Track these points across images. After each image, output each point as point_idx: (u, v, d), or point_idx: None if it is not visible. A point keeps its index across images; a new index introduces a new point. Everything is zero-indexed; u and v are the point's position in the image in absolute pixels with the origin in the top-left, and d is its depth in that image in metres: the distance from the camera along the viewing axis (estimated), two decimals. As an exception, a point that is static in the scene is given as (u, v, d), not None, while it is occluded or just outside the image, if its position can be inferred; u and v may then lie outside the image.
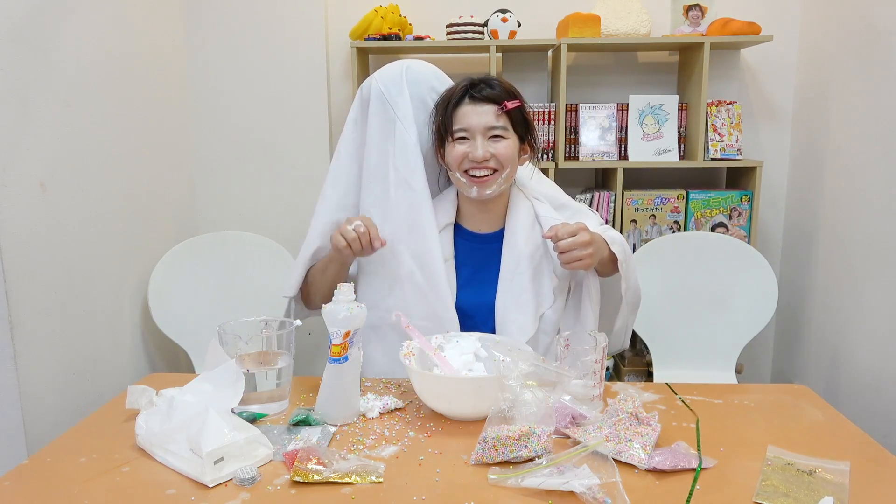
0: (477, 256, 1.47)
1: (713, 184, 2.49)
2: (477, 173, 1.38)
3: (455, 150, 1.38)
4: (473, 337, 1.31)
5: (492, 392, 1.09)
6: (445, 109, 1.40)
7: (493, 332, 1.41)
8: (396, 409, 1.23)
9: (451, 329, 1.41)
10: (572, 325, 1.47)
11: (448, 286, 1.42)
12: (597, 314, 1.48)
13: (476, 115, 1.37)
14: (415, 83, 1.45)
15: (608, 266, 1.44)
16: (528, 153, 1.47)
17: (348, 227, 1.34)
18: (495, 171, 1.38)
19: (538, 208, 1.48)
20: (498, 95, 1.38)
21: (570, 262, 1.32)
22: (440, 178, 1.52)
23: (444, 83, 1.49)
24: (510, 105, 1.37)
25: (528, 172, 1.54)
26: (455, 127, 1.38)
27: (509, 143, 1.39)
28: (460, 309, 1.43)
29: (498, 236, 1.47)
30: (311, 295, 1.54)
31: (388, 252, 1.43)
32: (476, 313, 1.44)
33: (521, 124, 1.42)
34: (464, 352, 1.27)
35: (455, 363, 1.25)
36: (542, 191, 1.56)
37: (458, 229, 1.49)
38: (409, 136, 1.43)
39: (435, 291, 1.42)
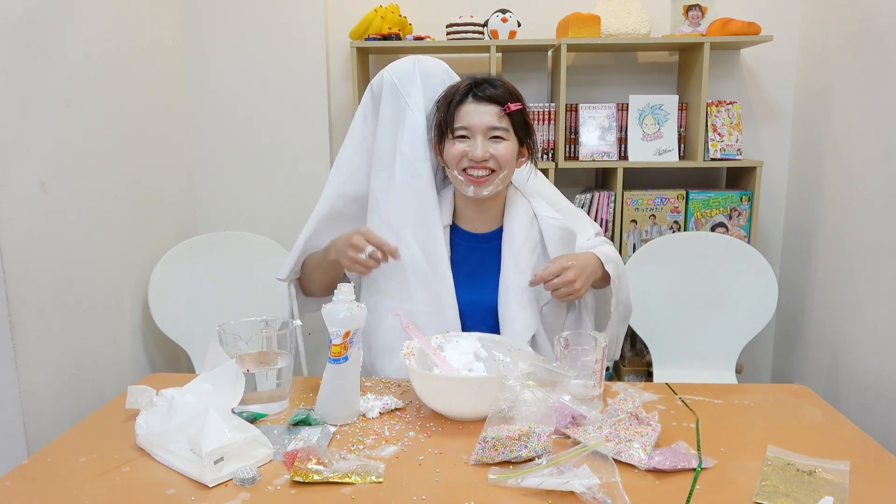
0: (475, 256, 1.47)
1: (713, 184, 2.49)
2: (475, 173, 1.38)
3: (455, 148, 1.38)
4: (473, 337, 1.31)
5: (492, 392, 1.09)
6: (448, 107, 1.40)
7: (493, 331, 1.42)
8: (396, 409, 1.23)
9: (452, 316, 1.41)
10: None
11: (452, 279, 1.43)
12: (593, 323, 1.51)
13: (478, 115, 1.37)
14: (427, 75, 1.47)
15: (601, 282, 1.47)
16: (527, 156, 1.47)
17: (361, 257, 1.33)
18: (493, 171, 1.38)
19: (536, 207, 1.48)
20: (501, 96, 1.38)
21: (561, 297, 1.38)
22: (437, 175, 1.52)
23: (454, 78, 1.51)
24: (513, 107, 1.38)
25: (525, 174, 1.54)
26: (456, 125, 1.38)
27: (509, 145, 1.39)
28: (459, 310, 1.44)
29: (495, 236, 1.48)
30: (310, 286, 1.57)
31: (393, 237, 1.43)
32: (475, 312, 1.44)
33: (522, 127, 1.42)
34: (464, 352, 1.27)
35: (455, 363, 1.25)
36: (540, 191, 1.57)
37: (456, 230, 1.49)
38: (419, 122, 1.44)
39: (437, 276, 1.42)
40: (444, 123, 1.40)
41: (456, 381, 1.19)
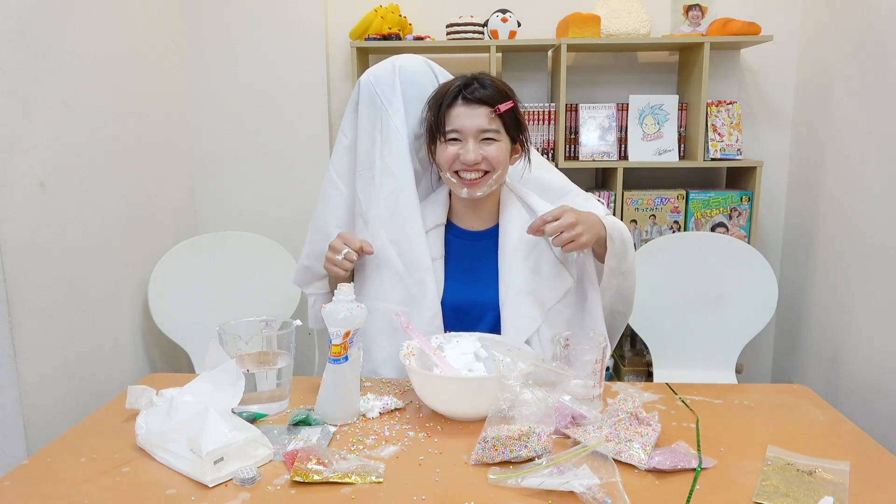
0: (471, 253, 1.47)
1: (713, 184, 2.49)
2: (467, 175, 1.37)
3: (447, 152, 1.38)
4: (473, 337, 1.31)
5: (492, 392, 1.09)
6: (438, 109, 1.38)
7: (491, 329, 1.41)
8: (396, 409, 1.23)
9: (431, 317, 1.41)
10: (581, 315, 1.46)
11: (434, 282, 1.42)
12: (600, 300, 1.46)
13: (469, 118, 1.36)
14: (408, 83, 1.45)
15: (603, 249, 1.41)
16: (520, 153, 1.46)
17: (339, 258, 1.37)
18: (486, 172, 1.38)
19: (533, 203, 1.47)
20: (491, 97, 1.36)
21: (564, 244, 1.32)
22: (432, 176, 1.51)
23: (436, 74, 1.49)
24: (503, 108, 1.36)
25: (519, 170, 1.52)
26: (447, 128, 1.37)
27: (501, 146, 1.38)
28: (456, 307, 1.43)
29: (491, 233, 1.47)
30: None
31: (369, 237, 1.44)
32: (471, 310, 1.44)
33: (514, 125, 1.40)
34: (464, 352, 1.27)
35: (455, 363, 1.25)
36: (542, 182, 1.54)
37: (451, 228, 1.49)
38: (396, 124, 1.44)
39: (414, 277, 1.42)
40: (434, 126, 1.39)
41: (456, 382, 1.19)
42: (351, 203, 1.52)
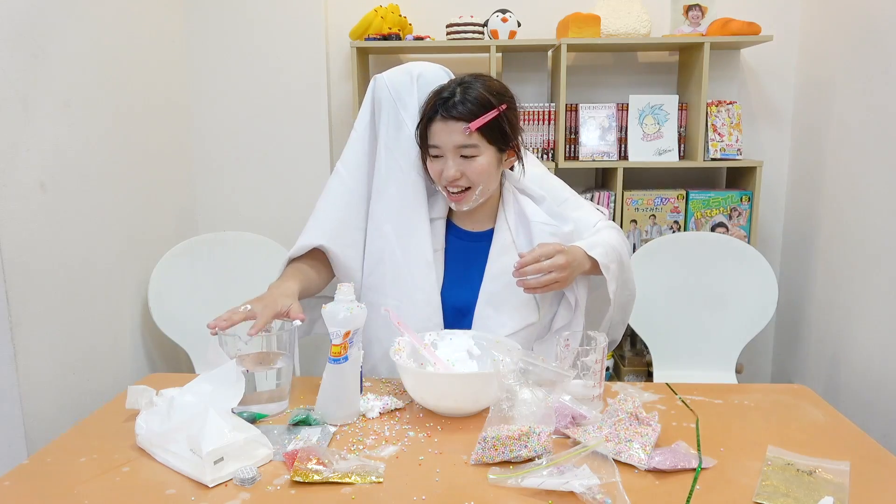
0: (466, 253, 1.47)
1: (713, 184, 2.49)
2: (452, 189, 1.37)
3: (432, 167, 1.38)
4: (468, 335, 1.31)
5: (478, 388, 1.09)
6: (423, 124, 1.37)
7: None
8: (396, 409, 1.23)
9: (428, 312, 1.40)
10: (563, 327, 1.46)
11: (435, 274, 1.42)
12: (582, 315, 1.44)
13: (446, 134, 1.33)
14: (426, 85, 1.43)
15: (596, 269, 1.38)
16: (514, 156, 1.43)
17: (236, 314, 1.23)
18: (468, 188, 1.36)
19: (530, 212, 1.44)
20: (468, 112, 1.30)
21: (545, 284, 1.29)
22: None
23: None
24: (475, 126, 1.31)
25: (518, 172, 1.49)
26: (430, 143, 1.36)
27: (482, 160, 1.34)
28: (450, 304, 1.43)
29: (486, 236, 1.47)
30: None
31: (375, 231, 1.44)
32: (463, 309, 1.43)
33: (499, 135, 1.35)
34: (456, 349, 1.28)
35: (447, 360, 1.25)
36: (538, 196, 1.51)
37: (451, 226, 1.49)
38: (404, 118, 1.43)
39: (413, 272, 1.41)
40: (420, 141, 1.39)
41: (443, 377, 1.19)
42: (352, 190, 1.49)
